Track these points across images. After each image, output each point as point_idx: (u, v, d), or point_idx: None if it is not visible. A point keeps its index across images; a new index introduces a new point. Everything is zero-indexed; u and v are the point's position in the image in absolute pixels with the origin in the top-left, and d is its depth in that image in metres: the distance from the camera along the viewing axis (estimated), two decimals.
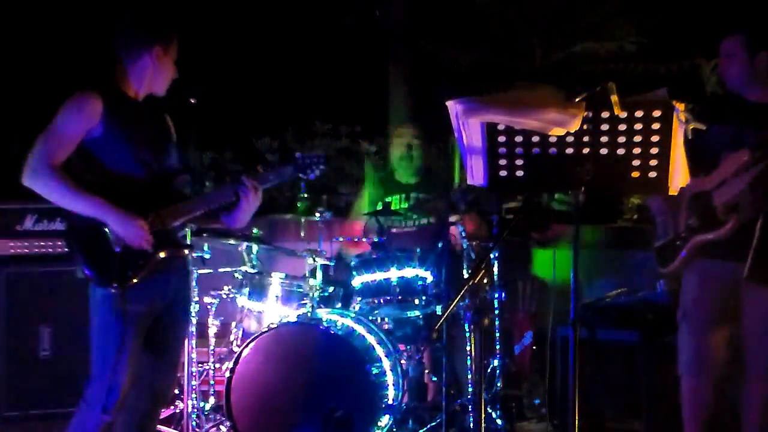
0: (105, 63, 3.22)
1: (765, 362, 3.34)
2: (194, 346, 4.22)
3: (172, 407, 4.47)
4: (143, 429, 3.24)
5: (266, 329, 4.07)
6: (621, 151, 2.43)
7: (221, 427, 4.29)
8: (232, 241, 4.44)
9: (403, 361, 4.29)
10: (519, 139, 2.46)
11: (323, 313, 4.27)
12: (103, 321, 3.06)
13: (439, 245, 4.35)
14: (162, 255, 3.09)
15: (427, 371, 4.70)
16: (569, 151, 2.45)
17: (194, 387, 4.25)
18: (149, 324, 3.13)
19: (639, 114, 2.40)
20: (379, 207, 4.85)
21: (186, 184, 3.27)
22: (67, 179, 3.01)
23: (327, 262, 4.44)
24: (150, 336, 3.14)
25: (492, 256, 4.35)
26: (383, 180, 5.16)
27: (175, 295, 3.21)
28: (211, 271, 4.61)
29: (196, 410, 4.27)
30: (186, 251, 3.31)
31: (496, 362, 4.50)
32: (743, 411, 3.43)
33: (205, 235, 4.35)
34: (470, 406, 4.14)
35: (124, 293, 3.02)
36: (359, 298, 4.33)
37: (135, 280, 3.05)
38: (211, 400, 4.48)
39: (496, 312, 4.47)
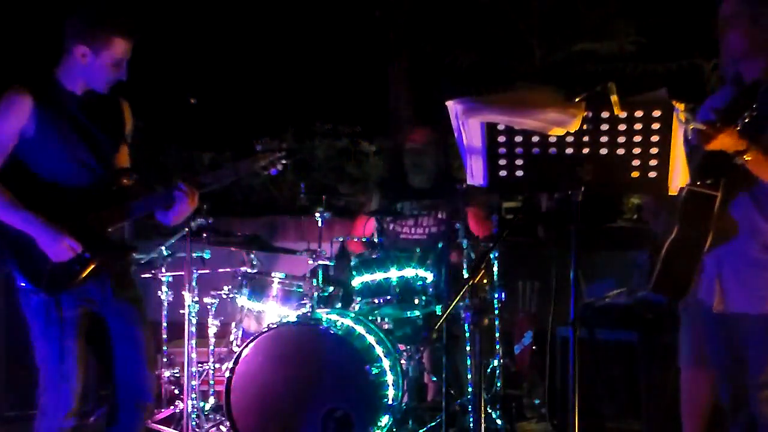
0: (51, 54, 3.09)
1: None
2: (194, 346, 4.23)
3: (172, 407, 4.47)
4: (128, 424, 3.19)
5: (266, 329, 4.07)
6: (621, 151, 2.43)
7: (221, 427, 4.29)
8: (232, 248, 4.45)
9: (403, 361, 4.29)
10: (519, 139, 2.46)
11: (323, 313, 4.27)
12: (41, 329, 2.99)
13: (439, 245, 4.35)
14: (97, 260, 3.00)
15: (427, 371, 4.69)
16: (569, 151, 2.45)
17: (194, 387, 4.26)
18: (89, 324, 3.05)
19: (639, 114, 2.40)
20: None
21: (135, 182, 3.16)
22: (2, 191, 2.93)
23: (327, 262, 4.44)
24: (98, 334, 3.08)
25: (492, 256, 4.34)
26: (394, 185, 5.06)
27: (113, 293, 3.10)
28: (211, 271, 4.61)
29: (196, 410, 4.27)
30: (130, 252, 3.24)
31: (496, 362, 4.49)
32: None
33: (205, 236, 4.36)
34: (470, 406, 4.14)
35: (58, 300, 2.95)
36: (359, 298, 4.33)
37: (70, 286, 2.97)
38: (211, 400, 4.48)
39: (496, 312, 4.47)
